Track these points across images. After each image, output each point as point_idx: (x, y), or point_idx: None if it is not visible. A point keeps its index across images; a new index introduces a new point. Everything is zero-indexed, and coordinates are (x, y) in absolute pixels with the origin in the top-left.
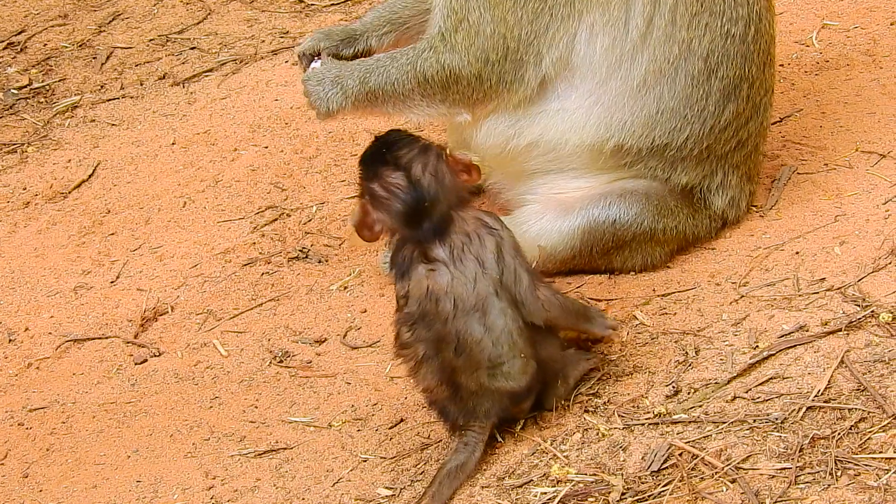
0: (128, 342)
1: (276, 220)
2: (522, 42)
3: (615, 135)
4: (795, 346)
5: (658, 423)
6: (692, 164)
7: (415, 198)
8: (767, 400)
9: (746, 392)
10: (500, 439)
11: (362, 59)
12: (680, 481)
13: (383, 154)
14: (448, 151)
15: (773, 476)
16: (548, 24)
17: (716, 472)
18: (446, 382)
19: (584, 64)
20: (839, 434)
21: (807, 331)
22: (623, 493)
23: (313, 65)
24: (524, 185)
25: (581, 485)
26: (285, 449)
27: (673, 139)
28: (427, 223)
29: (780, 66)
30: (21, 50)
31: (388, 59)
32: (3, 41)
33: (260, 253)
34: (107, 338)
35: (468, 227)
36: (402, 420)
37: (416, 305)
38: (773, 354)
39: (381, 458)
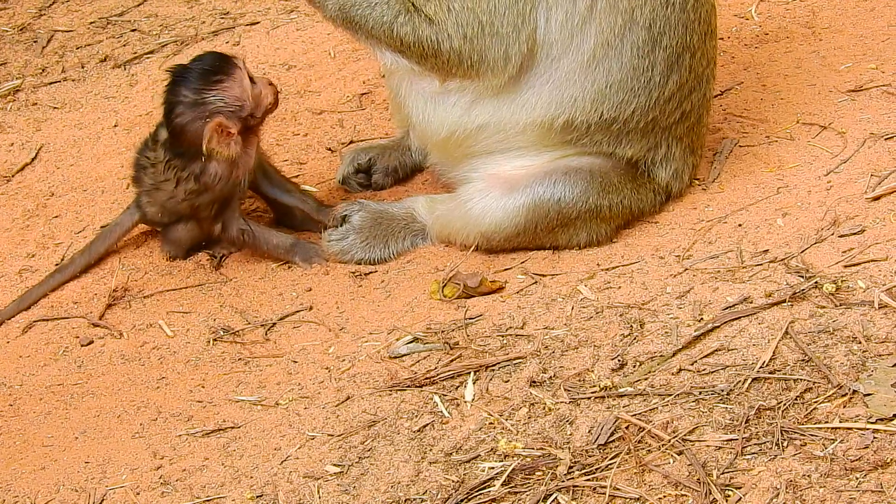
0: (74, 324)
1: None
2: (496, 16)
3: (566, 111)
4: (740, 317)
5: (604, 397)
6: (637, 137)
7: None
8: (713, 372)
9: (692, 364)
10: (447, 414)
11: None
12: (627, 454)
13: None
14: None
15: (720, 447)
16: None
17: (662, 445)
18: None
19: (545, 41)
20: (785, 405)
21: (751, 302)
22: (570, 467)
23: None
24: (467, 164)
25: (528, 459)
26: (233, 428)
27: (621, 112)
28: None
29: (721, 39)
30: None
31: (364, 2)
32: None
33: None
34: (53, 320)
35: None
36: (348, 398)
37: None
38: (718, 326)
39: (329, 435)
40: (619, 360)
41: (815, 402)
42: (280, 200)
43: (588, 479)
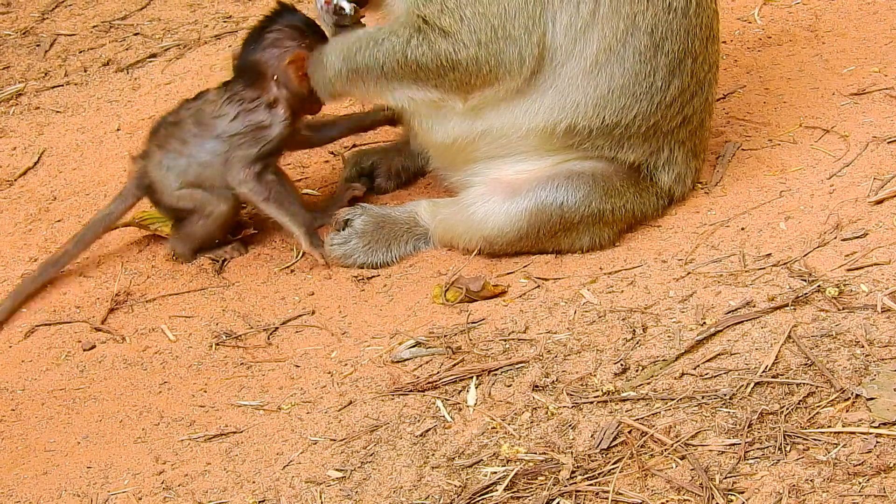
0: (76, 329)
1: None
2: (507, 19)
3: (568, 116)
4: (742, 321)
5: (607, 401)
6: (639, 142)
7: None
8: (715, 376)
9: (694, 368)
10: (449, 419)
11: (340, 38)
12: (630, 458)
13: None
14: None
15: (723, 452)
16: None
17: (665, 449)
18: None
19: (550, 45)
20: (787, 409)
21: (753, 306)
22: (573, 472)
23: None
24: (470, 169)
25: (531, 464)
26: (235, 433)
27: (623, 117)
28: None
29: (723, 42)
30: None
31: (370, 41)
32: None
33: None
34: (55, 324)
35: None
36: (351, 402)
37: None
38: (721, 331)
39: (331, 440)
40: (621, 365)
41: (818, 406)
42: (330, 136)
43: (591, 484)
